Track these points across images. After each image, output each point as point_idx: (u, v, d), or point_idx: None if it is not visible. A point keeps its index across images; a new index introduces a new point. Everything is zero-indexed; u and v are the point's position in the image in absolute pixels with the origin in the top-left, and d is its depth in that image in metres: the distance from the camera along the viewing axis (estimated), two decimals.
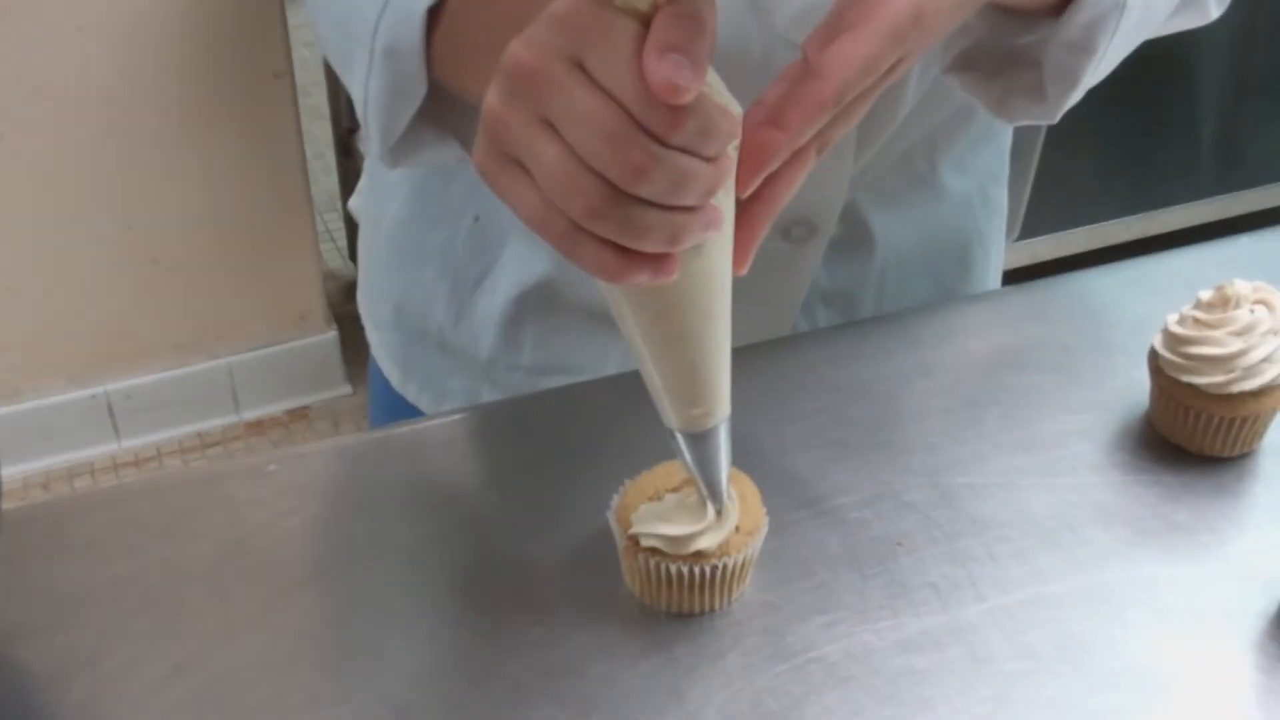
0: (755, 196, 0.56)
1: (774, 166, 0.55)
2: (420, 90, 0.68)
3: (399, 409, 1.03)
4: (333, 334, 2.58)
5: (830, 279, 0.95)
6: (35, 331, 2.39)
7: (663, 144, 0.49)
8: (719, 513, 0.67)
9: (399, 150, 0.73)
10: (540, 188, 0.51)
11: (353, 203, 1.10)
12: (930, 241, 0.97)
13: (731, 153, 0.53)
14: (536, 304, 0.93)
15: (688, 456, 0.64)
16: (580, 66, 0.49)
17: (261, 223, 2.44)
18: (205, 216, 2.39)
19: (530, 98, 0.50)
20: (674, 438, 0.64)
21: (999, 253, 1.05)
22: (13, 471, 2.44)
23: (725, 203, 0.54)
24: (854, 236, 0.93)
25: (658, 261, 0.52)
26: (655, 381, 0.61)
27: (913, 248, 0.96)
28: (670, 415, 0.62)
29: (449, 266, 0.95)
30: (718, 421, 0.63)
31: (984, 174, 0.98)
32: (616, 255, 0.52)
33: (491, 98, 0.52)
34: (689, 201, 0.51)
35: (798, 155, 0.57)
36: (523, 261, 0.92)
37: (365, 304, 1.07)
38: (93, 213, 2.30)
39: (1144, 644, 0.70)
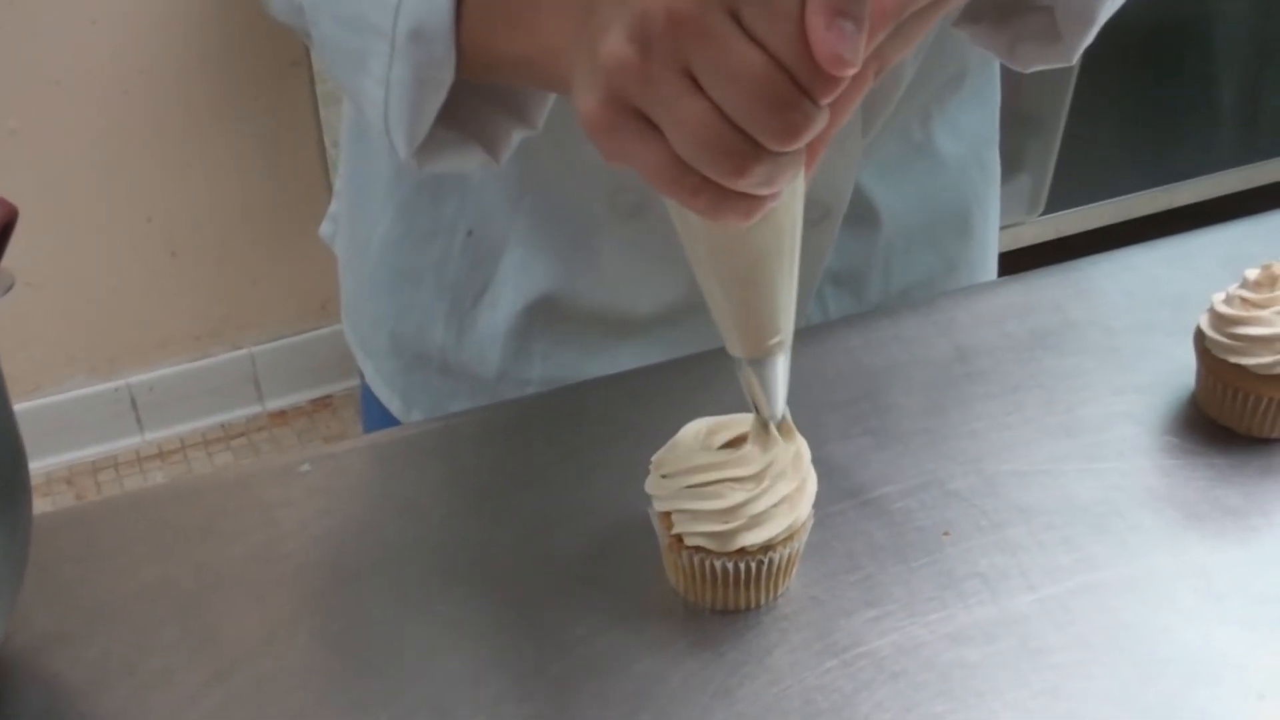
0: None
1: (840, 92, 0.53)
2: (448, 75, 0.64)
3: None
4: None
5: (838, 259, 0.93)
6: (56, 326, 2.39)
7: (815, 103, 0.48)
8: (778, 426, 0.66)
9: (423, 152, 0.69)
10: (674, 146, 0.49)
11: (324, 229, 1.06)
12: (931, 211, 0.96)
13: None
14: (543, 316, 0.91)
15: (757, 381, 0.64)
16: (734, 17, 0.47)
17: (280, 211, 2.43)
18: (224, 207, 2.38)
19: (675, 48, 0.47)
20: (743, 366, 0.63)
21: (996, 219, 1.04)
22: (37, 466, 2.44)
23: None
24: (858, 213, 0.91)
25: (775, 195, 0.52)
26: (730, 319, 0.60)
27: (915, 219, 0.95)
28: (745, 347, 0.62)
29: (446, 284, 0.92)
30: (788, 346, 0.63)
31: (976, 137, 0.97)
32: (752, 201, 0.51)
33: (620, 45, 0.49)
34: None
35: (856, 77, 0.53)
36: (523, 272, 0.89)
37: (355, 333, 1.03)
38: (111, 206, 2.30)
39: (1198, 631, 0.68)
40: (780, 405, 0.65)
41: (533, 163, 0.85)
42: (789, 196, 0.55)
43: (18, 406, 2.49)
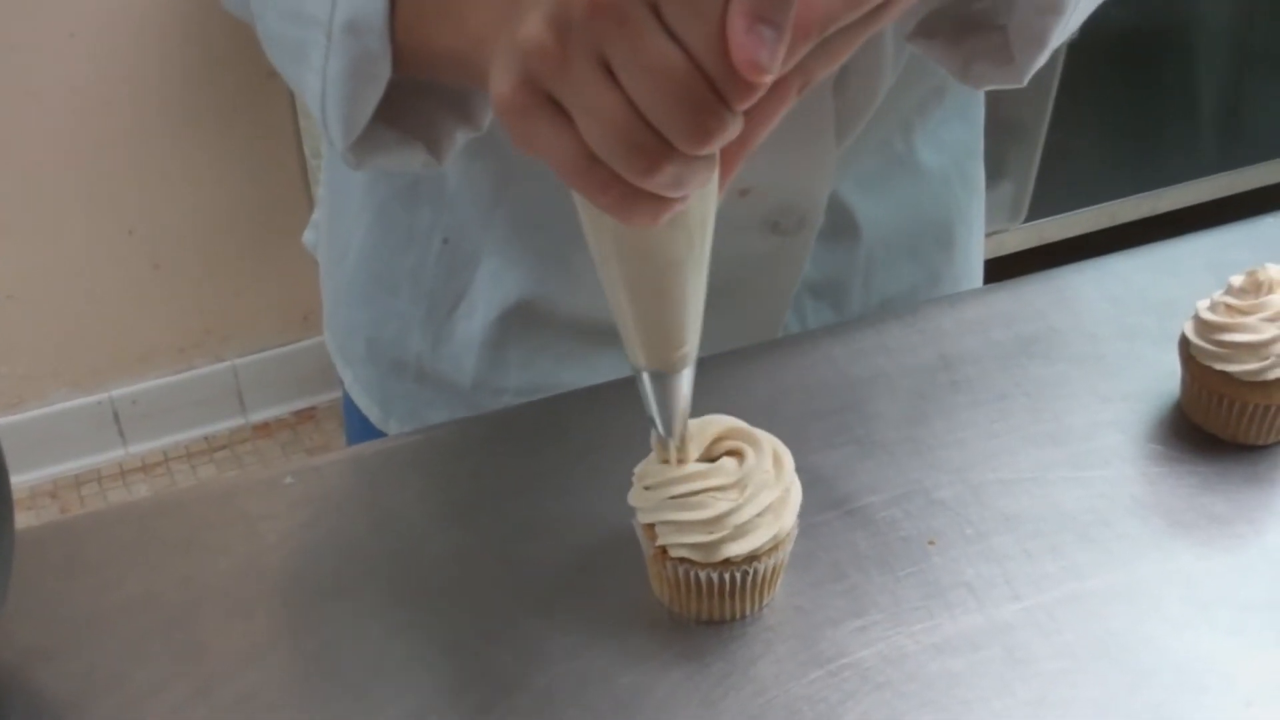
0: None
1: (755, 100, 0.51)
2: (384, 69, 0.63)
3: None
4: None
5: (817, 269, 0.93)
6: (39, 339, 2.38)
7: (730, 109, 0.47)
8: (677, 447, 0.65)
9: (360, 147, 0.68)
10: (585, 136, 0.49)
11: (306, 237, 1.06)
12: (913, 223, 0.96)
13: None
14: (519, 324, 0.90)
15: (662, 394, 0.63)
16: (655, 10, 0.46)
17: (262, 223, 2.43)
18: (205, 219, 2.38)
19: (593, 34, 0.46)
20: (644, 379, 0.62)
21: (980, 231, 1.03)
22: (20, 480, 2.43)
23: None
24: (838, 224, 0.91)
25: (684, 198, 0.51)
26: (636, 327, 0.60)
27: (896, 231, 0.95)
28: (649, 357, 0.61)
29: (422, 292, 0.92)
30: (693, 360, 0.62)
31: (959, 150, 0.97)
32: (660, 203, 0.50)
33: (539, 30, 0.48)
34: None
35: (777, 90, 0.52)
36: (498, 280, 0.89)
37: (335, 341, 1.03)
38: (92, 219, 2.29)
39: (1184, 639, 0.68)
40: (679, 424, 0.64)
41: (507, 171, 0.85)
42: (701, 202, 0.53)
43: (0, 420, 2.46)
